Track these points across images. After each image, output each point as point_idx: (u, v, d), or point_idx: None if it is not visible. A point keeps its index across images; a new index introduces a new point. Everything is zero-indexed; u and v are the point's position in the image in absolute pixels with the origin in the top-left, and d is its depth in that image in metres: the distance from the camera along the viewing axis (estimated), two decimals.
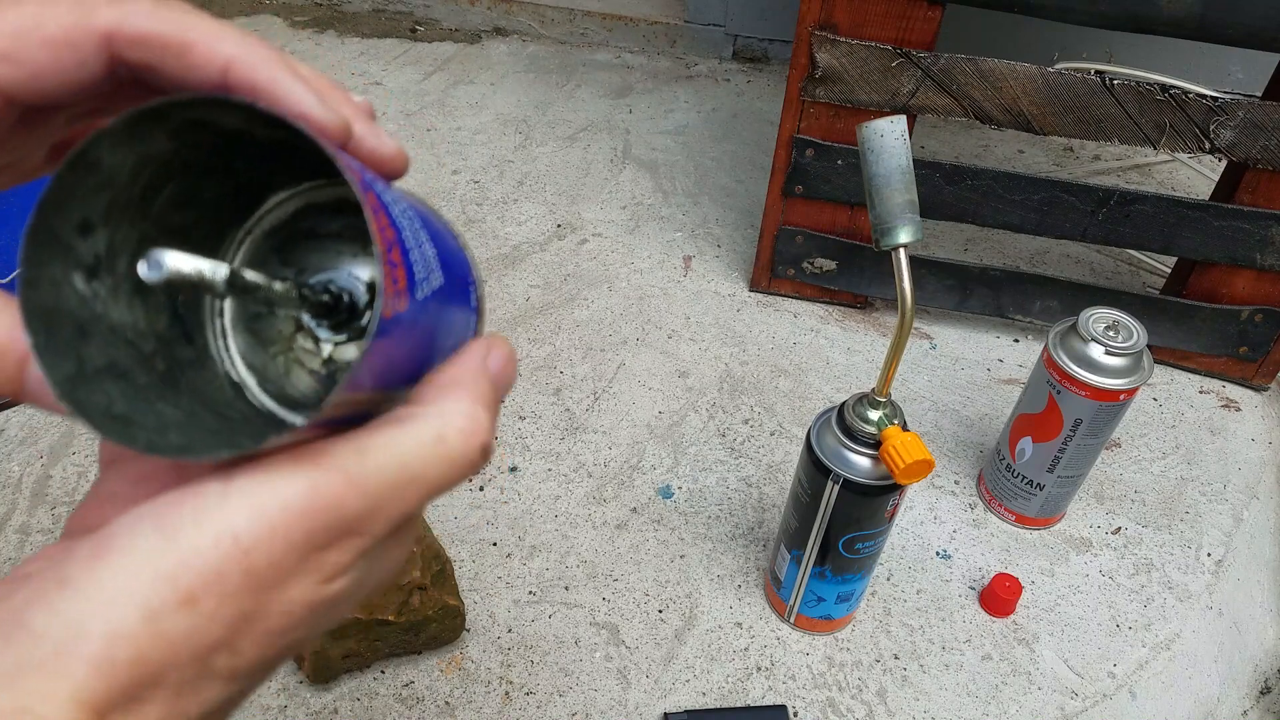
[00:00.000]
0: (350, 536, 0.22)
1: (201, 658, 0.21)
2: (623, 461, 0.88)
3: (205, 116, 0.23)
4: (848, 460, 0.63)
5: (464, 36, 1.56)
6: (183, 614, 0.20)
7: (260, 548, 0.21)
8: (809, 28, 0.85)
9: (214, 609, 0.21)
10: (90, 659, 0.20)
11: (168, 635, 0.20)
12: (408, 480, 0.23)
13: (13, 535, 0.78)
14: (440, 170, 1.23)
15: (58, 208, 0.22)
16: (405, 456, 0.23)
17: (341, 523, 0.22)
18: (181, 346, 0.26)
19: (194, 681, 0.21)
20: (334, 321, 0.26)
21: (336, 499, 0.22)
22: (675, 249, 1.14)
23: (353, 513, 0.22)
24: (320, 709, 0.68)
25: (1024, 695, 0.73)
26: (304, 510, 0.21)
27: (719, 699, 0.71)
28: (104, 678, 0.20)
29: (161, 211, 0.25)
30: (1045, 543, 0.84)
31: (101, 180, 0.23)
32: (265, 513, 0.21)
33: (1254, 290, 0.93)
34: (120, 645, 0.20)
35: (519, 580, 0.77)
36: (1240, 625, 0.82)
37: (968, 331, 1.05)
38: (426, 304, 0.24)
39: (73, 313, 0.23)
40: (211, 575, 0.21)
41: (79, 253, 0.23)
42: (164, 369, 0.25)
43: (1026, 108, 0.85)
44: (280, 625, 0.22)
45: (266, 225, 0.27)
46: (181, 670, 0.21)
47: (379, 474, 0.22)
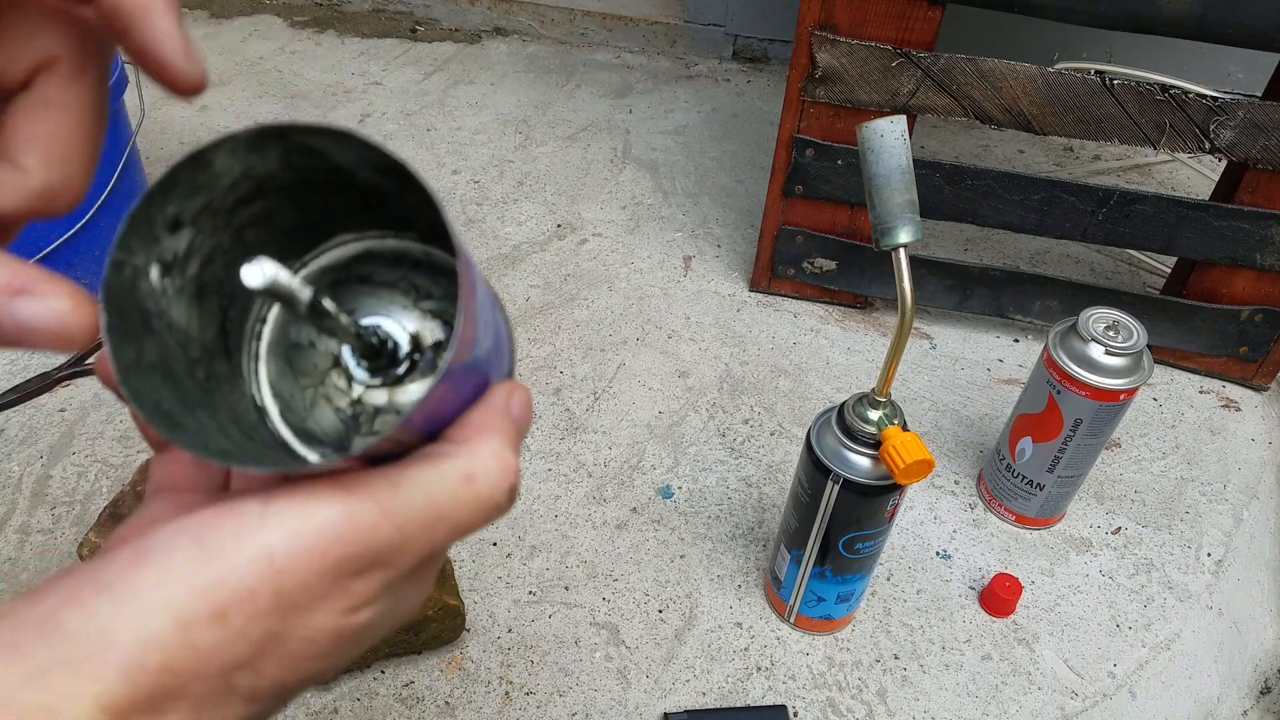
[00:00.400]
0: (378, 568, 0.23)
1: (226, 674, 0.21)
2: (623, 461, 0.88)
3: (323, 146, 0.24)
4: (848, 460, 0.63)
5: (464, 36, 1.56)
6: (213, 628, 0.21)
7: (294, 570, 0.21)
8: (809, 28, 0.85)
9: (243, 626, 0.21)
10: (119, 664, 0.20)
11: (197, 647, 0.20)
12: (437, 517, 0.23)
13: (13, 535, 0.78)
14: (440, 170, 1.23)
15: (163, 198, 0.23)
16: (436, 493, 0.23)
17: (371, 552, 0.22)
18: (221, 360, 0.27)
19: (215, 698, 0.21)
20: (374, 365, 0.27)
21: (369, 528, 0.22)
22: (675, 249, 1.14)
23: (383, 543, 0.22)
24: (320, 709, 0.68)
25: (1024, 695, 0.73)
26: (338, 537, 0.22)
27: (719, 699, 0.71)
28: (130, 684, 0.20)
29: (240, 226, 0.26)
30: (1045, 543, 0.84)
31: (206, 183, 0.24)
32: (301, 535, 0.21)
33: (1254, 290, 0.93)
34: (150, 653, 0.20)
35: (519, 580, 0.77)
36: (1240, 625, 0.82)
37: (968, 331, 1.05)
38: (477, 363, 0.25)
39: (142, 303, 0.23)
40: (245, 592, 0.21)
41: (163, 247, 0.24)
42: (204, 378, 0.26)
43: (1026, 108, 0.85)
44: (303, 651, 0.22)
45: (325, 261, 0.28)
46: (205, 684, 0.21)
47: (409, 508, 0.23)
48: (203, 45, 1.49)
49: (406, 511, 0.23)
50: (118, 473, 0.83)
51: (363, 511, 0.22)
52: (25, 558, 0.76)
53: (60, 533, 0.78)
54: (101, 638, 0.20)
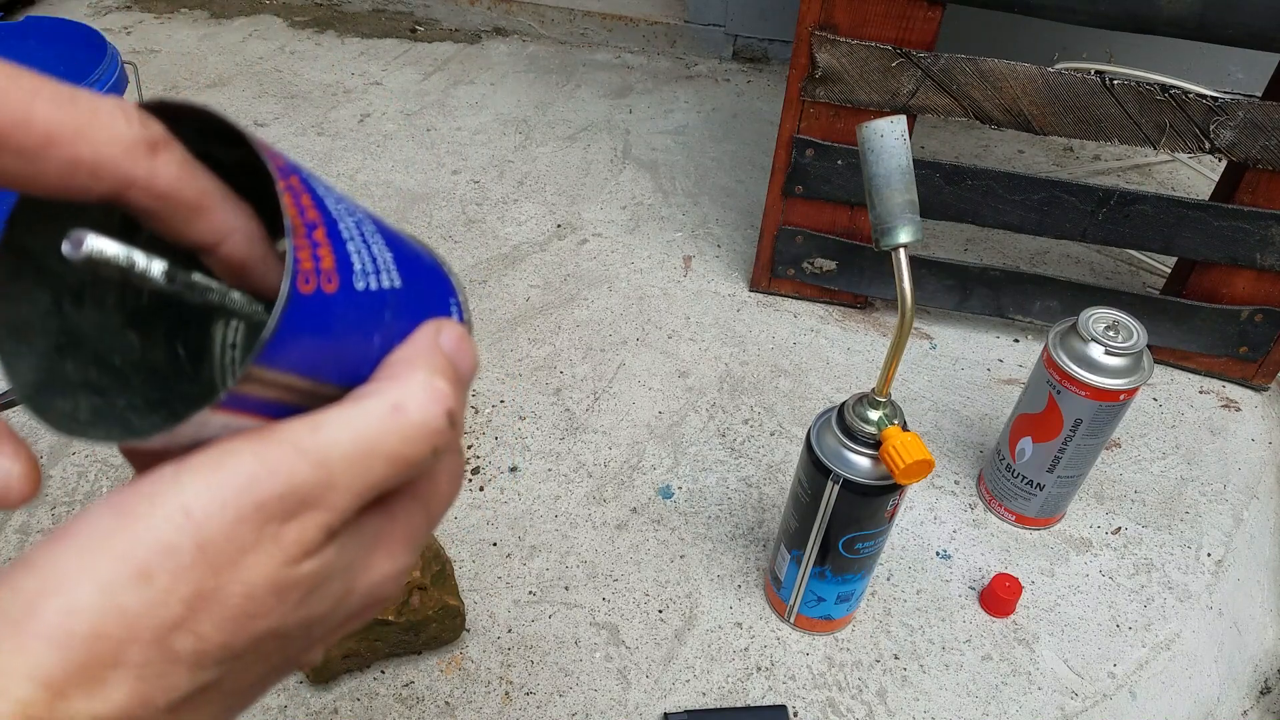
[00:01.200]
0: (308, 509, 0.22)
1: (161, 637, 0.21)
2: (623, 461, 0.88)
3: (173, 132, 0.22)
4: (848, 460, 0.63)
5: (464, 36, 1.56)
6: (138, 588, 0.20)
7: (212, 521, 0.21)
8: (809, 28, 0.85)
9: (169, 584, 0.20)
10: (45, 634, 0.20)
11: (124, 610, 0.20)
12: (365, 449, 0.22)
13: (13, 535, 0.78)
14: (440, 170, 1.23)
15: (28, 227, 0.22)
16: (360, 427, 0.22)
17: (293, 492, 0.22)
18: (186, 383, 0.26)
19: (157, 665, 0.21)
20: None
21: (287, 470, 0.21)
22: (675, 249, 1.14)
23: (305, 482, 0.22)
24: (320, 709, 0.68)
25: (1024, 695, 0.73)
26: (254, 481, 0.21)
27: (719, 699, 0.71)
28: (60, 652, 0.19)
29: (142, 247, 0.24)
30: (1045, 543, 0.84)
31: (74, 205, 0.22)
32: (215, 486, 0.21)
33: (1254, 290, 0.93)
34: (76, 619, 0.20)
35: (519, 580, 0.77)
36: (1240, 625, 0.82)
37: (968, 331, 1.05)
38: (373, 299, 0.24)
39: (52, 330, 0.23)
40: (165, 548, 0.21)
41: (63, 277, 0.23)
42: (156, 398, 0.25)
43: (1026, 108, 0.85)
44: (242, 608, 0.21)
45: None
46: (143, 650, 0.20)
47: (332, 445, 0.22)
48: (202, 45, 1.49)
49: (328, 448, 0.22)
50: (118, 473, 0.83)
51: (278, 454, 0.22)
52: None
53: None
54: (25, 611, 0.20)
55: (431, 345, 0.25)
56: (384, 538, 0.25)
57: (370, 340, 0.24)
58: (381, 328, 0.24)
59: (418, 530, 0.26)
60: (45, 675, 0.19)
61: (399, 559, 0.25)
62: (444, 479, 0.27)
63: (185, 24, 1.54)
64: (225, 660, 0.22)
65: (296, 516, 0.22)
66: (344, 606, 0.24)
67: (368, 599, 0.25)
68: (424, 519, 0.26)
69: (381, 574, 0.25)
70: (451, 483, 0.27)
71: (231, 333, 0.27)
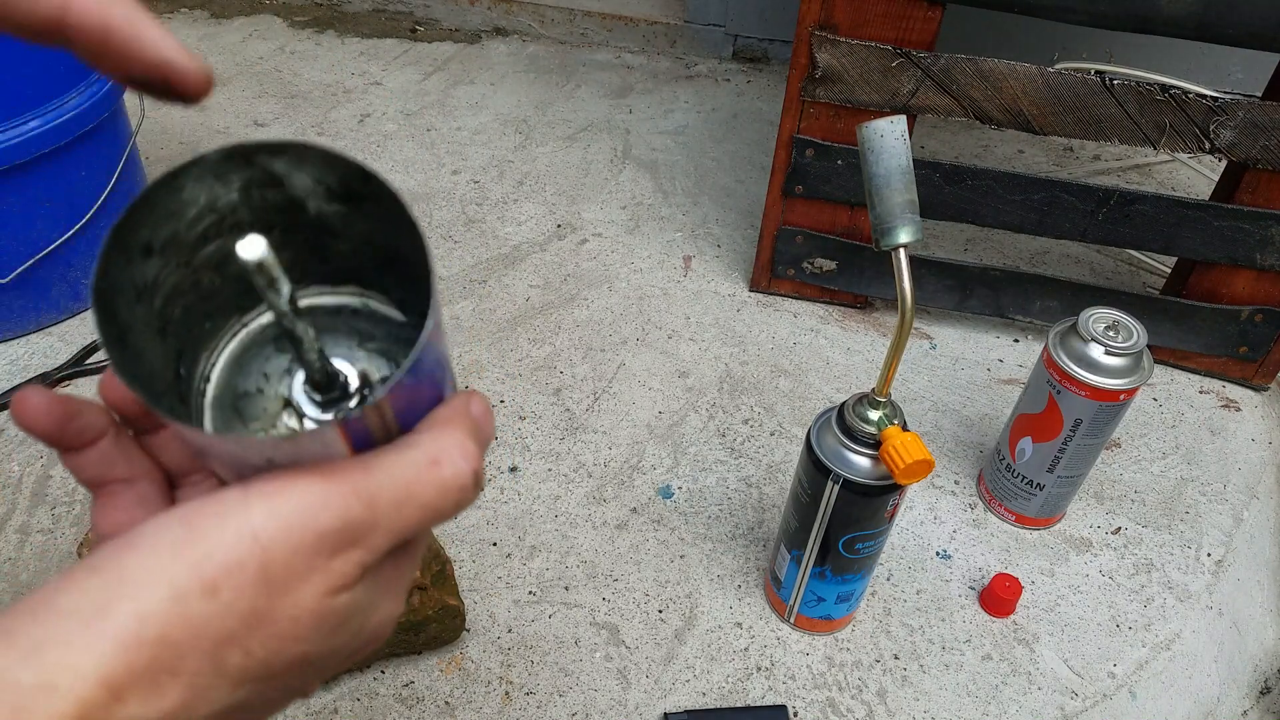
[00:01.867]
0: (354, 547, 0.23)
1: (218, 649, 0.21)
2: (623, 461, 0.88)
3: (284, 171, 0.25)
4: (848, 460, 0.63)
5: (464, 36, 1.56)
6: (205, 600, 0.21)
7: (277, 546, 0.22)
8: (809, 28, 0.85)
9: (232, 600, 0.21)
10: (116, 636, 0.20)
11: (191, 620, 0.21)
12: (405, 497, 0.24)
13: (13, 535, 0.78)
14: (440, 170, 1.23)
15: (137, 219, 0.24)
16: (404, 475, 0.24)
17: (347, 529, 0.23)
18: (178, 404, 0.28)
19: (207, 676, 0.21)
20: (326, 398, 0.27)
21: (344, 506, 0.23)
22: (675, 249, 1.14)
23: (357, 521, 0.23)
24: (320, 709, 0.68)
25: (1024, 695, 0.73)
26: (316, 514, 0.22)
27: (719, 699, 0.71)
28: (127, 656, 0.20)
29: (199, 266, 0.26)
30: (1045, 543, 0.84)
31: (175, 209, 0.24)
32: (281, 514, 0.22)
33: (1254, 290, 0.93)
34: (147, 624, 0.20)
35: (519, 580, 0.77)
36: (1240, 625, 0.82)
37: (968, 331, 1.05)
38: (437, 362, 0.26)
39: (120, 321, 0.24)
40: (233, 566, 0.21)
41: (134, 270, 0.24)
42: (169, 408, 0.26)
43: (1026, 108, 0.85)
44: (288, 630, 0.23)
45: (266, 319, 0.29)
46: (198, 660, 0.21)
47: (380, 488, 0.24)
48: (202, 45, 1.49)
49: (377, 491, 0.23)
50: None
51: (337, 491, 0.23)
52: (25, 558, 0.76)
53: (60, 533, 0.78)
54: (97, 612, 0.20)
55: (466, 410, 0.27)
56: (393, 581, 0.26)
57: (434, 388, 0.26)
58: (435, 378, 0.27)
59: (410, 577, 0.28)
60: (109, 676, 0.20)
61: (398, 601, 0.27)
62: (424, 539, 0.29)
63: (185, 24, 1.54)
64: (262, 679, 0.23)
65: (343, 552, 0.23)
66: (356, 641, 0.26)
67: (371, 636, 0.26)
68: (413, 568, 0.28)
69: (386, 614, 0.26)
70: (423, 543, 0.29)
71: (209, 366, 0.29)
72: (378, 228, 0.26)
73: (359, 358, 0.29)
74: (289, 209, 0.26)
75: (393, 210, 0.25)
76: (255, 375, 0.29)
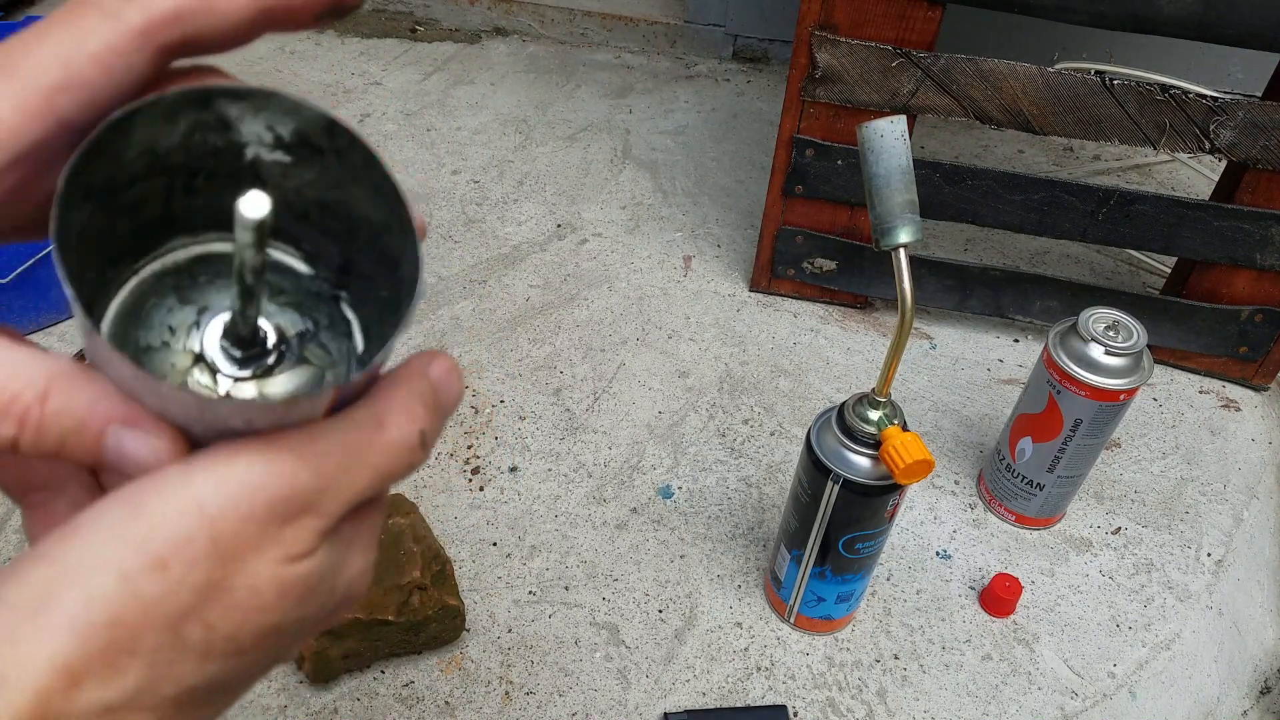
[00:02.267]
0: (305, 514, 0.23)
1: (174, 625, 0.21)
2: (623, 461, 0.88)
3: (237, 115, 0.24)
4: (848, 460, 0.63)
5: (464, 36, 1.56)
6: (155, 576, 0.21)
7: (225, 515, 0.22)
8: (809, 28, 0.85)
9: (183, 573, 0.21)
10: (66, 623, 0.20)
11: (142, 598, 0.21)
12: (353, 461, 0.24)
13: (13, 535, 0.78)
14: (440, 170, 1.23)
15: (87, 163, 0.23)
16: (349, 439, 0.24)
17: (296, 496, 0.23)
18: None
19: (168, 653, 0.21)
20: (245, 355, 0.26)
21: (290, 474, 0.23)
22: (675, 249, 1.14)
23: (306, 488, 0.23)
24: (320, 709, 0.68)
25: (1024, 695, 0.73)
26: (262, 483, 0.22)
27: (719, 699, 0.71)
28: (81, 640, 0.20)
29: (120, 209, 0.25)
30: (1045, 543, 0.84)
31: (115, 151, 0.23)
32: (227, 484, 0.22)
33: (1254, 290, 0.93)
34: (97, 607, 0.20)
35: (519, 580, 0.77)
36: (1240, 625, 0.82)
37: (968, 331, 1.05)
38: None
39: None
40: (181, 540, 0.21)
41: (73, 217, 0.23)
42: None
43: (1026, 108, 0.85)
44: (248, 601, 0.22)
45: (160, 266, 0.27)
46: (156, 637, 0.21)
47: (325, 454, 0.23)
48: None
49: (324, 456, 0.23)
50: None
51: (283, 458, 0.23)
52: None
53: None
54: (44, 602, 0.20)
55: (420, 371, 0.26)
56: (357, 539, 0.26)
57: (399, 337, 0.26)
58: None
59: (377, 526, 0.28)
60: (64, 663, 0.20)
61: (366, 556, 0.27)
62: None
63: None
64: (230, 654, 0.22)
65: (296, 520, 0.23)
66: (329, 604, 0.25)
67: (346, 595, 0.26)
68: (377, 522, 0.28)
69: (356, 569, 0.26)
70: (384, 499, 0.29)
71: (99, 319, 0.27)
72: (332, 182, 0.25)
73: (270, 311, 0.28)
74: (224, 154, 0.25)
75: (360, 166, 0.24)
76: (159, 328, 0.27)
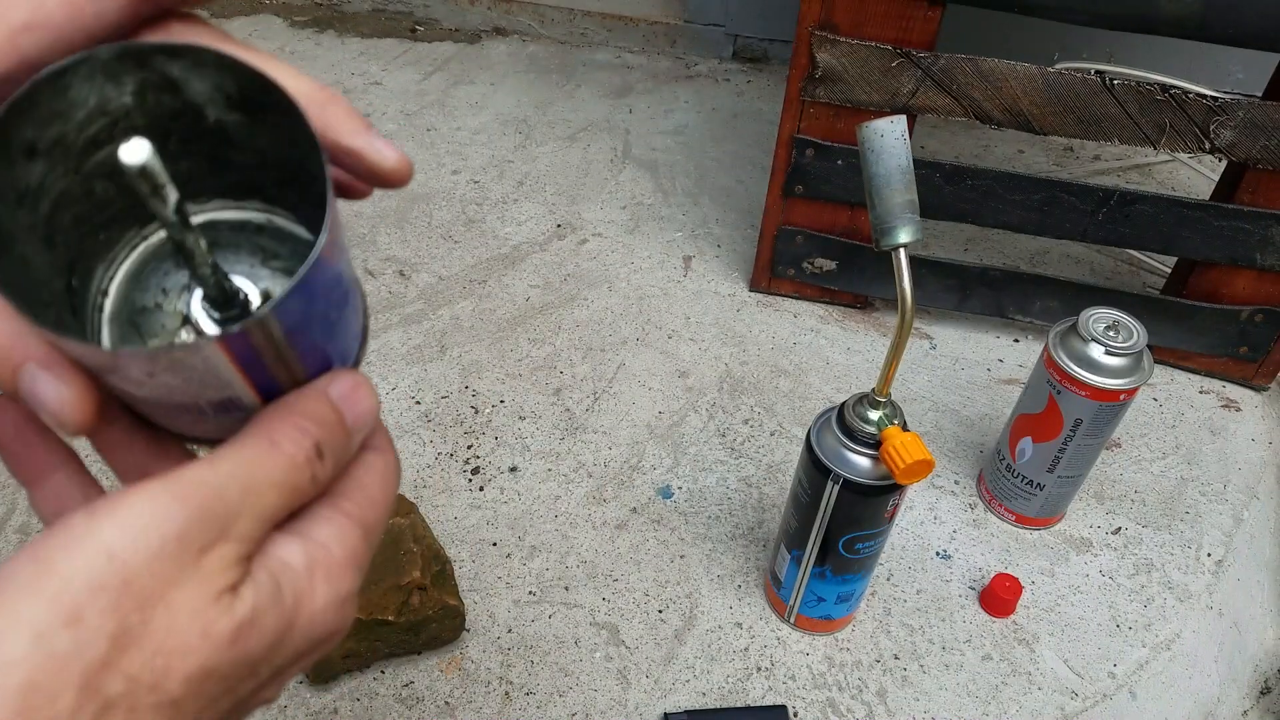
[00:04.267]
0: (220, 540, 0.23)
1: (91, 680, 0.20)
2: (623, 461, 0.88)
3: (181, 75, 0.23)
4: (848, 460, 0.63)
5: (464, 36, 1.56)
6: (69, 631, 0.20)
7: (135, 558, 0.21)
8: (809, 28, 0.85)
9: (98, 624, 0.20)
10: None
11: (57, 656, 0.20)
12: (255, 480, 0.24)
13: (13, 535, 0.78)
14: (440, 170, 1.23)
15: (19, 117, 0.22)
16: (248, 459, 0.24)
17: (205, 523, 0.22)
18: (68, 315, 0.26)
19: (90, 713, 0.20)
20: (225, 316, 0.26)
21: (193, 502, 0.22)
22: (675, 249, 1.14)
23: (212, 513, 0.22)
24: (320, 709, 0.68)
25: (1024, 695, 0.73)
26: (166, 514, 0.22)
27: (719, 699, 0.71)
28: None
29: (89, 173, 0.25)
30: (1045, 543, 0.84)
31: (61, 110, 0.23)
32: (133, 526, 0.21)
33: (1254, 290, 0.93)
34: (12, 673, 0.19)
35: (519, 580, 0.77)
36: (1240, 625, 0.82)
37: (968, 331, 1.05)
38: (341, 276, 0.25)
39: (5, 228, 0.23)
40: (94, 589, 0.20)
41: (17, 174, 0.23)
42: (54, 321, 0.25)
43: (1026, 108, 0.85)
44: (169, 645, 0.21)
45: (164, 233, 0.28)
46: (73, 696, 0.20)
47: (229, 478, 0.23)
48: None
49: (225, 480, 0.23)
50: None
51: (182, 490, 0.22)
52: None
53: None
54: None
55: (314, 391, 0.26)
56: (318, 564, 0.25)
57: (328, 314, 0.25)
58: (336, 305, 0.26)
59: (353, 548, 0.26)
60: None
61: (339, 583, 0.25)
62: (375, 486, 0.28)
63: None
64: (163, 707, 0.21)
65: (211, 548, 0.22)
66: (288, 642, 0.24)
67: (313, 630, 0.25)
68: (358, 534, 0.26)
69: (324, 601, 0.25)
70: (384, 486, 0.28)
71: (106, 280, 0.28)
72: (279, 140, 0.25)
73: (262, 276, 0.28)
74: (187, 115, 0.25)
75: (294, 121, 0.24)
76: (153, 290, 0.28)
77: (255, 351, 0.23)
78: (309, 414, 0.26)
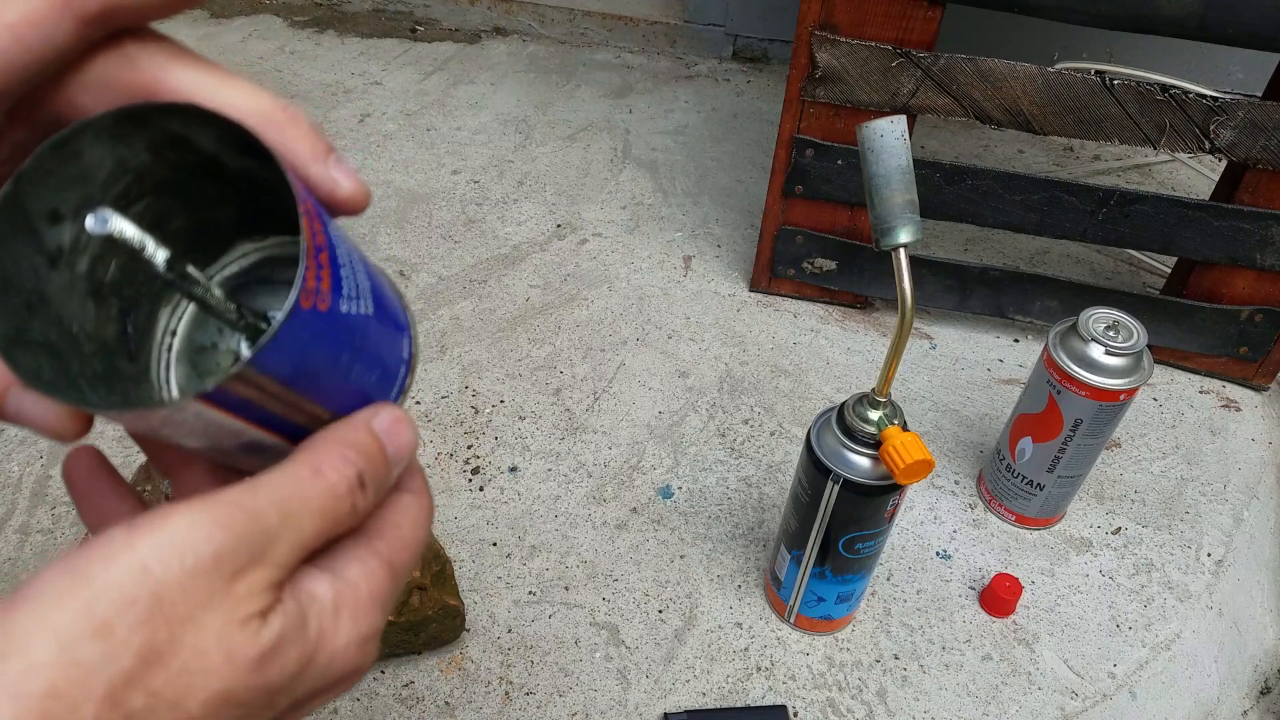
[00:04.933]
0: (255, 565, 0.23)
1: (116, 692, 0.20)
2: (623, 461, 0.88)
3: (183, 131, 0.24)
4: (848, 460, 0.63)
5: (464, 36, 1.56)
6: (96, 643, 0.20)
7: (169, 573, 0.21)
8: (809, 28, 0.85)
9: (126, 637, 0.20)
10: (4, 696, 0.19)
11: (83, 666, 0.20)
12: (295, 507, 0.24)
13: (13, 535, 0.78)
14: (440, 170, 1.23)
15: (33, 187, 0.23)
16: (287, 485, 0.24)
17: (242, 546, 0.22)
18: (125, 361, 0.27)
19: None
20: None
21: (232, 525, 0.22)
22: (675, 249, 1.14)
23: (250, 537, 0.23)
24: (320, 709, 0.68)
25: (1024, 695, 0.73)
26: (207, 534, 0.22)
27: (719, 699, 0.71)
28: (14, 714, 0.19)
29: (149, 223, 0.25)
30: (1045, 543, 0.84)
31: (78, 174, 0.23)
32: (169, 543, 0.22)
33: (1254, 290, 0.93)
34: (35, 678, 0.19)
35: (519, 580, 0.77)
36: (1240, 625, 0.82)
37: (968, 331, 1.05)
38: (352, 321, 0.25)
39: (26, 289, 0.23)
40: (126, 602, 0.21)
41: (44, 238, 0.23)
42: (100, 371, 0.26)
43: (1026, 108, 0.85)
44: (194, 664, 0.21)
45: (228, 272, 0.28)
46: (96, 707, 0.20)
47: (269, 503, 0.23)
48: (202, 46, 1.49)
49: (265, 505, 0.23)
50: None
51: (225, 512, 0.22)
52: (25, 558, 0.76)
53: (60, 533, 0.78)
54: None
55: (359, 422, 0.27)
56: (345, 602, 0.25)
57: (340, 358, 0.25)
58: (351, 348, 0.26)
59: (380, 588, 0.26)
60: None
61: (363, 622, 0.26)
62: (408, 528, 0.28)
63: (185, 24, 1.54)
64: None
65: (245, 572, 0.22)
66: (308, 676, 0.24)
67: (332, 666, 0.25)
68: (386, 574, 0.27)
69: (346, 639, 0.25)
70: (416, 530, 0.28)
71: (175, 320, 0.28)
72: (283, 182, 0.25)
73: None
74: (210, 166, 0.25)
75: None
76: (212, 329, 0.28)
77: (248, 402, 0.23)
78: (354, 444, 0.26)
